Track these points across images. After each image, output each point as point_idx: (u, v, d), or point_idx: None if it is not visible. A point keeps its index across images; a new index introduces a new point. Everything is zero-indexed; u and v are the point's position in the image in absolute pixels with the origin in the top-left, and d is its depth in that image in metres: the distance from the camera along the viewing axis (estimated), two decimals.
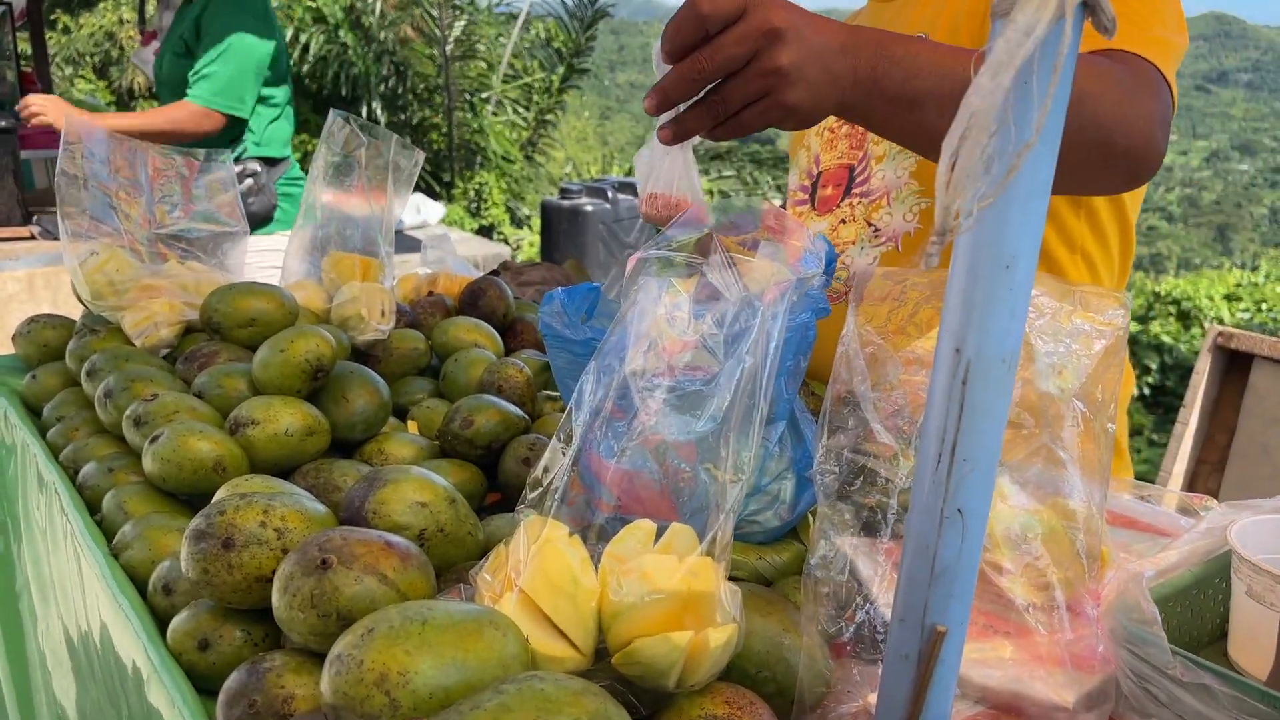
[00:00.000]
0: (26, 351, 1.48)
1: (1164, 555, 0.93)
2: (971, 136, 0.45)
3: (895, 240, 1.33)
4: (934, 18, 1.28)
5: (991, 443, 0.59)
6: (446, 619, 0.68)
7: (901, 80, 0.87)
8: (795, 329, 0.81)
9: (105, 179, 1.42)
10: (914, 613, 0.63)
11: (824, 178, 1.45)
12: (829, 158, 1.45)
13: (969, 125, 0.46)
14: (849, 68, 0.86)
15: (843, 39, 0.87)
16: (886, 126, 0.94)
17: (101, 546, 1.03)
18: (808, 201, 1.48)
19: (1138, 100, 0.99)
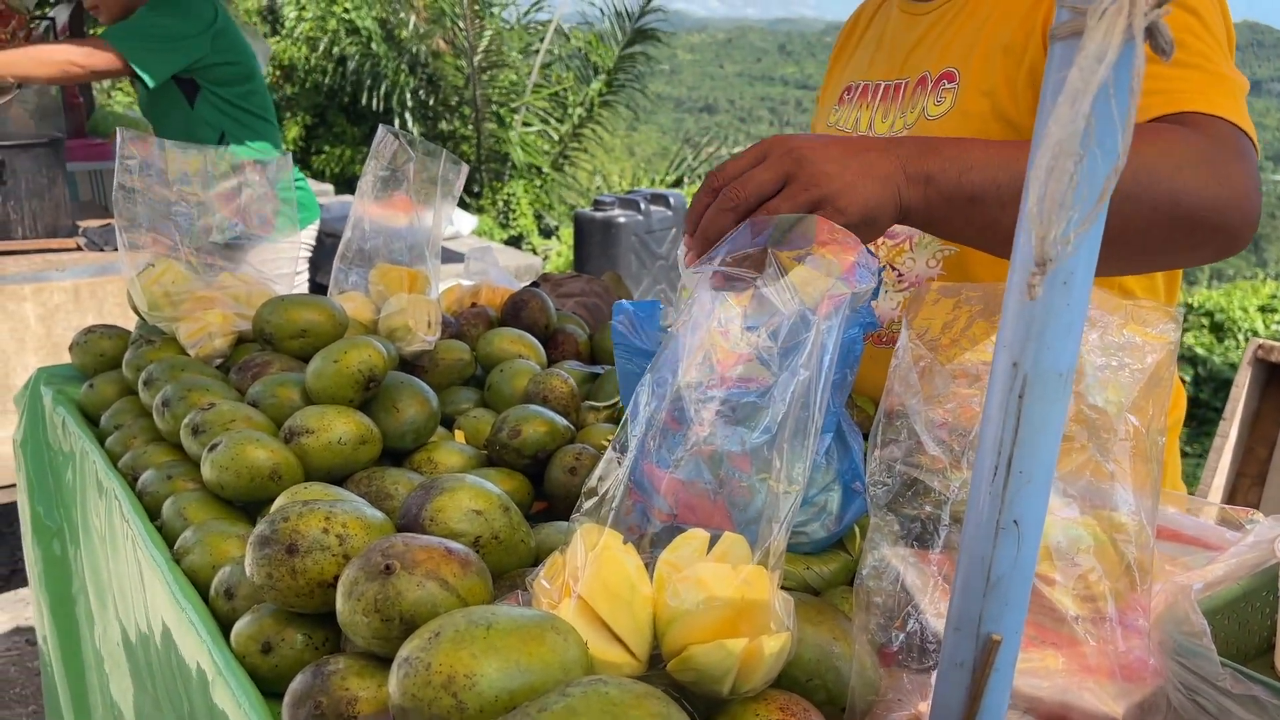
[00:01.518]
0: (83, 361, 1.52)
1: (1211, 568, 0.94)
2: (1058, 165, 0.47)
3: (918, 285, 1.31)
4: (966, 52, 1.24)
5: (1048, 456, 0.61)
6: (510, 623, 0.70)
7: (957, 175, 0.88)
8: (844, 343, 0.82)
9: (162, 191, 1.46)
10: (969, 622, 0.64)
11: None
12: None
13: (1055, 155, 0.47)
14: (896, 166, 0.88)
15: (882, 142, 0.90)
16: (952, 227, 0.94)
17: (163, 551, 1.06)
18: None
19: (1226, 171, 0.95)
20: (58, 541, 1.52)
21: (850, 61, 1.49)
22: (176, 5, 3.00)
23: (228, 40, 3.07)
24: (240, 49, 3.13)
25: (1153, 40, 0.52)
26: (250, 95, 3.15)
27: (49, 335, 2.84)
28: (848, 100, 1.43)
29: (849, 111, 1.42)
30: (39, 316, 2.82)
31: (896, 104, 1.33)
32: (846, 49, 1.53)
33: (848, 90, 1.44)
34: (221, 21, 3.07)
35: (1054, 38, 0.54)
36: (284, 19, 12.80)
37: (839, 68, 1.53)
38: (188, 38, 2.97)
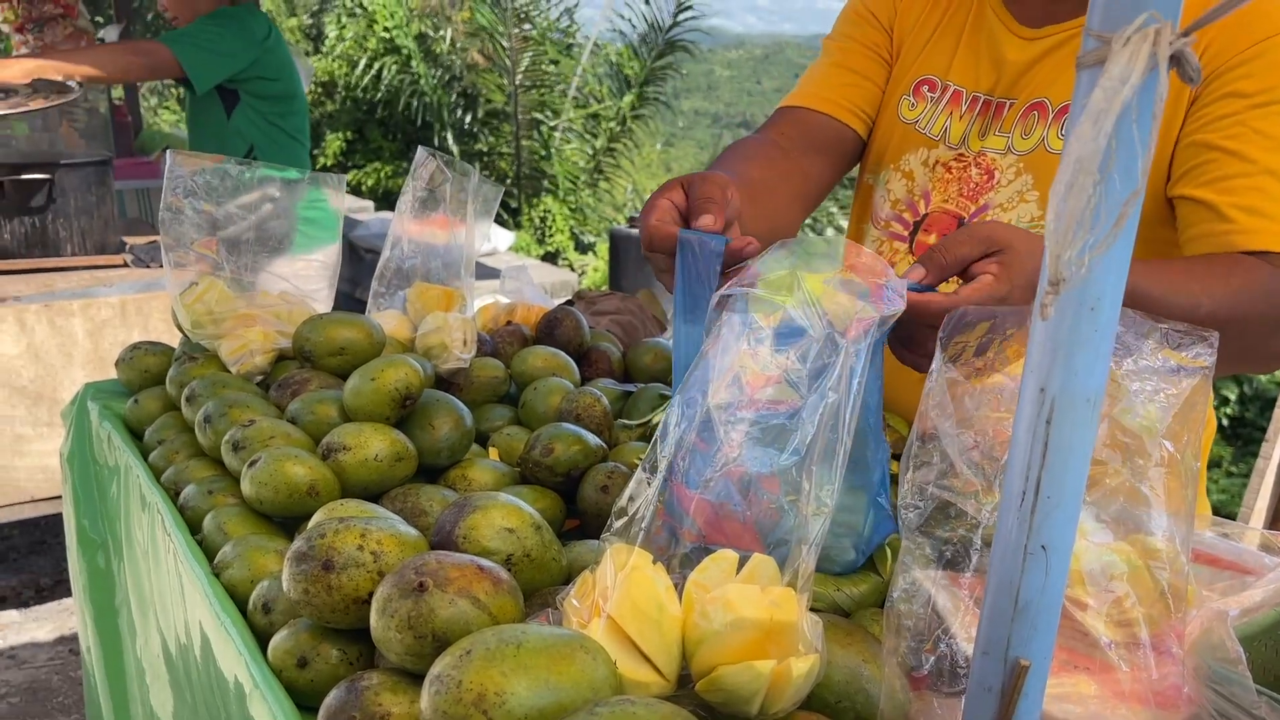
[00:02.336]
0: (128, 377, 1.56)
1: (1248, 594, 0.92)
2: (1077, 183, 0.47)
3: None
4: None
5: (1076, 480, 0.61)
6: (540, 642, 0.71)
7: None
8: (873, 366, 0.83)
9: (210, 209, 1.49)
10: (997, 646, 0.64)
11: (930, 221, 1.38)
12: (939, 198, 1.37)
13: (1074, 174, 0.48)
14: None
15: None
16: None
17: (203, 565, 1.08)
18: (906, 240, 1.41)
19: None
20: (102, 554, 1.55)
21: (924, 49, 1.42)
22: (232, 19, 3.15)
23: (275, 58, 3.22)
24: (286, 68, 3.27)
25: (1180, 69, 0.53)
26: (288, 115, 3.27)
27: (96, 350, 2.90)
28: (929, 97, 1.40)
29: (931, 111, 1.39)
30: (87, 332, 2.88)
31: (997, 123, 1.32)
32: (909, 19, 1.45)
33: (928, 84, 1.40)
34: (273, 40, 3.22)
35: (1080, 66, 0.54)
36: (326, 37, 13.01)
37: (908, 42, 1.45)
38: (237, 49, 3.13)
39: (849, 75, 1.45)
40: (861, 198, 1.52)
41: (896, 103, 1.43)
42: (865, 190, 1.50)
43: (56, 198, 3.02)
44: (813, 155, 1.43)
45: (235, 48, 3.12)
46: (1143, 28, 0.52)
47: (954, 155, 1.36)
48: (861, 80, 1.45)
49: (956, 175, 1.35)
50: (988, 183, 1.32)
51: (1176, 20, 0.52)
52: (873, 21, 1.47)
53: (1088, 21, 0.54)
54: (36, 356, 2.82)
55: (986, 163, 1.33)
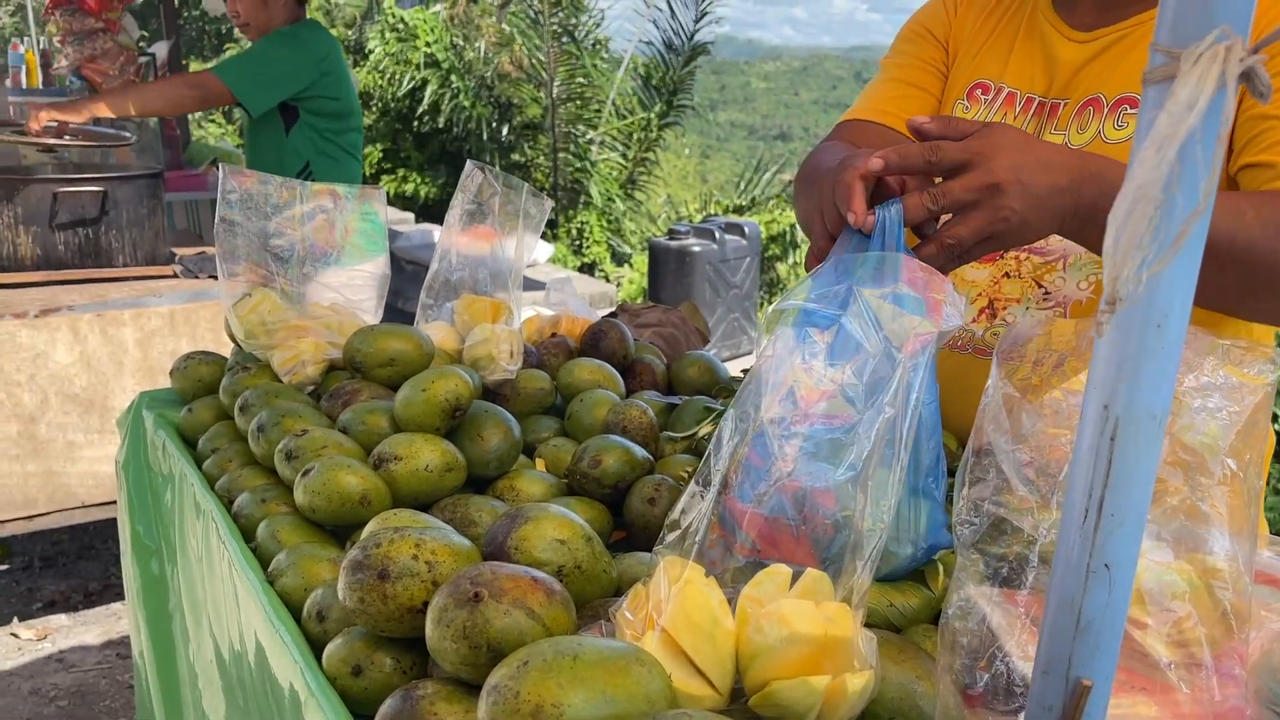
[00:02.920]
0: (182, 386, 1.58)
1: None
2: (1138, 209, 0.47)
3: (1064, 306, 1.30)
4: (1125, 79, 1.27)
5: (1140, 499, 0.60)
6: (596, 654, 0.71)
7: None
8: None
9: (260, 224, 1.52)
10: (1058, 665, 0.64)
11: None
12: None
13: (1135, 200, 0.48)
14: (1071, 204, 0.93)
15: (1066, 179, 0.93)
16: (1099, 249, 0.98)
17: (258, 574, 1.09)
18: None
19: None
20: (156, 560, 1.58)
21: (978, 55, 1.45)
22: (290, 41, 3.21)
23: (335, 78, 3.27)
24: (344, 88, 3.32)
25: (1250, 84, 0.52)
26: (344, 132, 3.33)
27: (145, 359, 2.95)
28: (982, 100, 1.42)
29: (986, 113, 1.41)
30: (137, 341, 2.94)
31: (1052, 122, 1.34)
32: (964, 29, 1.47)
33: (981, 88, 1.43)
34: (332, 58, 3.27)
35: (1148, 81, 0.54)
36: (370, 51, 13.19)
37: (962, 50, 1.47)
38: (291, 74, 3.19)
39: (906, 89, 1.47)
40: None
41: (952, 107, 1.45)
42: None
43: (109, 209, 3.09)
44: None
45: (289, 71, 3.18)
46: (1213, 45, 0.51)
47: None
48: (919, 92, 1.47)
49: None
50: None
51: (1247, 35, 0.52)
52: (929, 38, 1.50)
53: (1155, 35, 0.54)
54: (89, 365, 2.88)
55: None
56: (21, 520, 2.90)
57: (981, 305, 1.39)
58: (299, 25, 3.28)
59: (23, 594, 3.41)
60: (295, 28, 3.25)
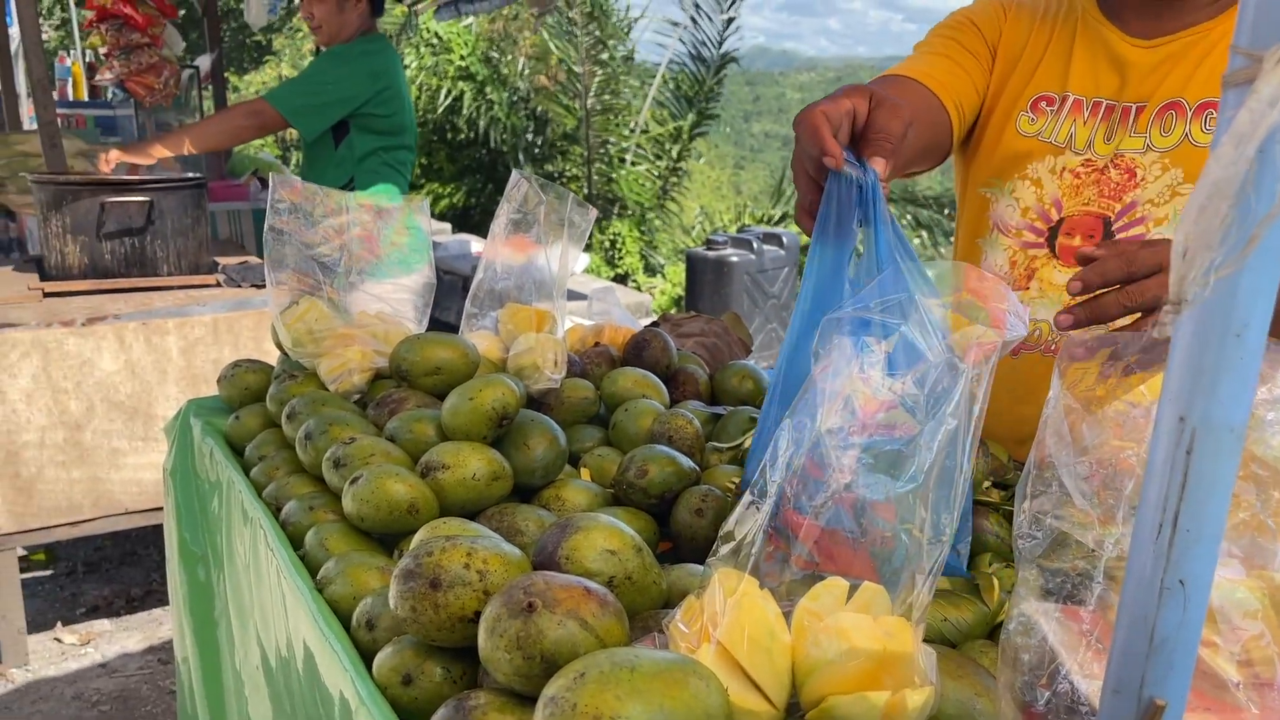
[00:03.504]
0: (229, 394, 1.60)
1: None
2: (1211, 205, 0.46)
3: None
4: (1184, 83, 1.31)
5: (1217, 513, 0.58)
6: (653, 666, 0.71)
7: None
8: None
9: (308, 233, 1.53)
10: (1130, 684, 0.62)
11: (1068, 224, 1.41)
12: (1073, 203, 1.40)
13: (1209, 196, 0.46)
14: None
15: None
16: None
17: (307, 582, 1.09)
18: (1044, 245, 1.43)
19: None
20: (202, 567, 1.59)
21: (1036, 69, 1.46)
22: (345, 61, 3.25)
23: (390, 94, 3.30)
24: (397, 101, 3.34)
25: None
26: (393, 150, 3.36)
27: (189, 367, 2.99)
28: (1048, 111, 1.43)
29: (1053, 122, 1.42)
30: (180, 349, 2.97)
31: (1128, 126, 1.36)
32: (1014, 43, 1.48)
33: (1045, 100, 1.44)
34: (390, 75, 3.30)
35: (1227, 84, 0.53)
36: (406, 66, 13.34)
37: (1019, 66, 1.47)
38: (344, 96, 3.23)
39: (953, 66, 1.46)
40: (974, 210, 1.54)
41: (1014, 119, 1.46)
42: (979, 203, 1.52)
43: (155, 219, 3.13)
44: (918, 128, 1.45)
45: (342, 94, 3.22)
46: None
47: (1081, 161, 1.40)
48: (964, 75, 1.46)
49: (1092, 179, 1.39)
50: (1130, 182, 1.36)
51: None
52: (975, 32, 1.50)
53: (1235, 38, 0.53)
54: (134, 372, 2.92)
55: (1126, 163, 1.37)
56: (66, 526, 2.94)
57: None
58: (362, 40, 3.31)
59: (66, 599, 3.46)
60: (356, 44, 3.28)
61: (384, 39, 3.41)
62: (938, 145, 1.48)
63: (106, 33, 5.04)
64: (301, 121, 3.24)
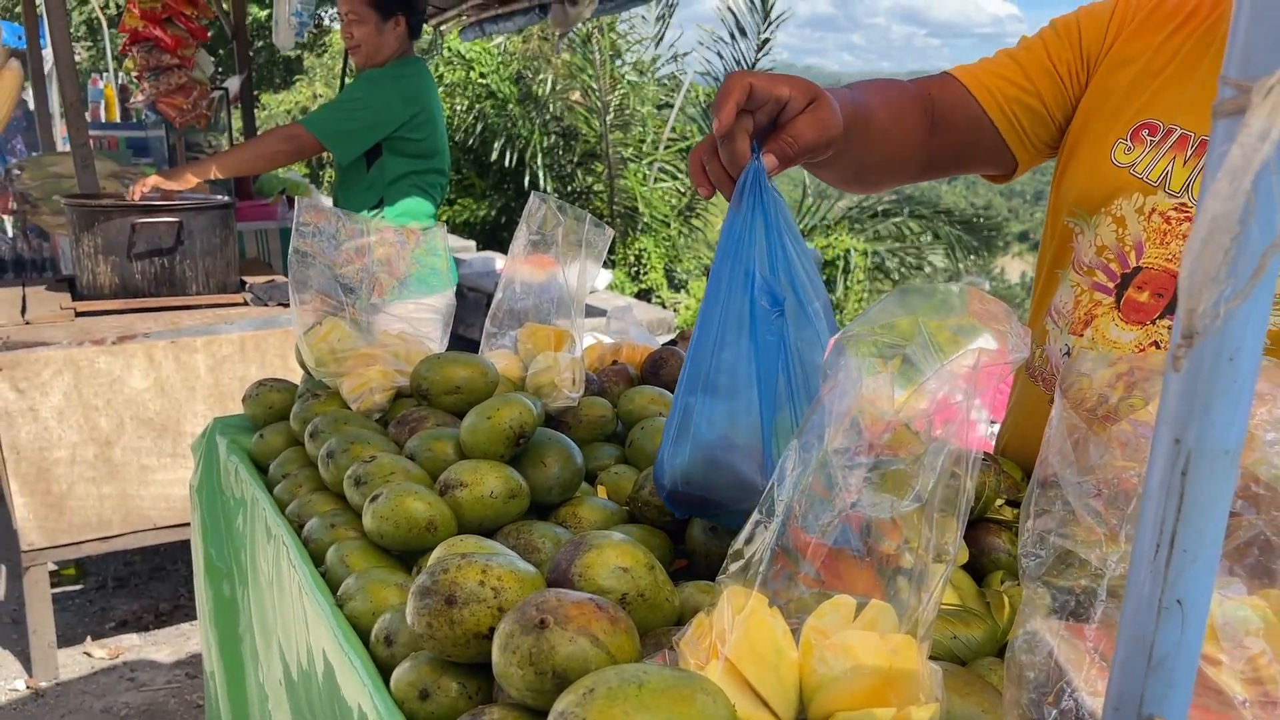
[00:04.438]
0: (254, 412, 1.63)
1: None
2: (1213, 240, 0.47)
3: None
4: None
5: (1214, 534, 0.59)
6: (661, 682, 0.72)
7: None
8: None
9: (332, 255, 1.56)
10: (1129, 703, 0.63)
11: (1143, 277, 1.25)
12: (1156, 254, 1.25)
13: (1210, 231, 0.48)
14: None
15: None
16: None
17: (328, 598, 1.12)
18: (1112, 294, 1.29)
19: None
20: (227, 583, 1.62)
21: (1151, 93, 1.30)
22: (382, 86, 3.30)
23: (423, 117, 3.34)
24: (430, 124, 3.37)
25: None
26: (425, 173, 3.40)
27: (217, 384, 3.03)
28: (1148, 140, 1.28)
29: (1151, 155, 1.26)
30: (208, 367, 3.02)
31: None
32: (1127, 56, 1.34)
33: (1148, 128, 1.28)
34: (425, 99, 3.34)
35: (1217, 115, 0.54)
36: None
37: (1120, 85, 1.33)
38: (383, 117, 3.26)
39: (1020, 77, 1.37)
40: (1058, 240, 1.41)
41: (1111, 146, 1.31)
42: (1064, 233, 1.39)
43: (184, 240, 3.19)
44: (945, 127, 1.39)
45: (376, 118, 3.27)
46: None
47: (1175, 205, 1.23)
48: (1030, 88, 1.37)
49: (1182, 230, 1.22)
50: None
51: None
52: (1074, 40, 1.38)
53: (1224, 68, 0.54)
54: (163, 390, 2.97)
55: None
56: (96, 541, 2.99)
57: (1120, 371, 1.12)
58: (398, 64, 3.35)
59: (96, 614, 3.51)
60: (391, 67, 3.32)
61: (420, 62, 3.44)
62: (978, 150, 1.40)
63: (139, 55, 5.14)
64: (337, 146, 3.28)
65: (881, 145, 1.31)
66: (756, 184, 1.07)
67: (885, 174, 1.41)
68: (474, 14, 5.58)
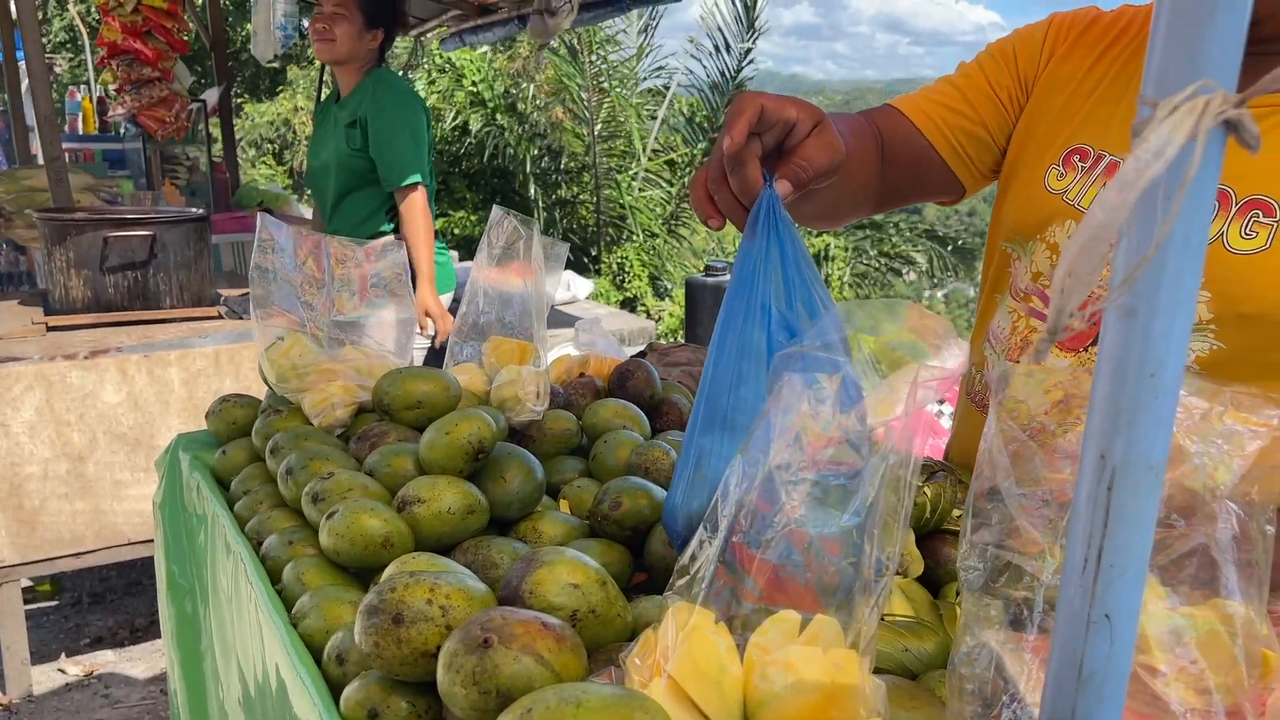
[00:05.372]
0: (217, 428, 1.62)
1: None
2: (1090, 247, 0.48)
3: None
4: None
5: (1140, 548, 0.60)
6: (599, 701, 0.72)
7: None
8: None
9: (292, 271, 1.56)
10: (1062, 716, 0.63)
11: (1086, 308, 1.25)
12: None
13: (1090, 237, 0.48)
14: None
15: None
16: None
17: (282, 615, 1.11)
18: (1046, 319, 1.28)
19: None
20: (189, 600, 1.61)
21: (1079, 118, 1.30)
22: (410, 94, 3.34)
23: None
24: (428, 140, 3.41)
25: (1238, 135, 0.52)
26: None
27: (190, 398, 3.02)
28: (1079, 166, 1.27)
29: (1082, 182, 1.26)
30: (182, 381, 3.00)
31: None
32: (1057, 81, 1.34)
33: (1079, 154, 1.28)
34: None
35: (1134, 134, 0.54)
36: None
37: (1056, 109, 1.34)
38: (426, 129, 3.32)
39: (962, 104, 1.38)
40: (997, 264, 1.41)
41: (1044, 172, 1.31)
42: (1002, 257, 1.40)
43: (158, 253, 3.18)
44: (894, 160, 1.39)
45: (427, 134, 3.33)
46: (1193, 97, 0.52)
47: None
48: (971, 114, 1.38)
49: None
50: None
51: (1232, 87, 0.52)
52: (1010, 64, 1.39)
53: (1143, 87, 0.54)
54: (136, 404, 2.95)
55: None
56: (70, 558, 2.97)
57: (1056, 398, 1.13)
58: (394, 76, 3.36)
59: (70, 630, 3.48)
60: (395, 79, 3.34)
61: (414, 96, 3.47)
62: (928, 179, 1.42)
63: (118, 68, 5.13)
64: (429, 181, 3.32)
65: (853, 177, 1.31)
66: (771, 213, 1.02)
67: (851, 208, 1.40)
68: (454, 24, 5.59)
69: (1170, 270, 0.53)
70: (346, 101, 3.33)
